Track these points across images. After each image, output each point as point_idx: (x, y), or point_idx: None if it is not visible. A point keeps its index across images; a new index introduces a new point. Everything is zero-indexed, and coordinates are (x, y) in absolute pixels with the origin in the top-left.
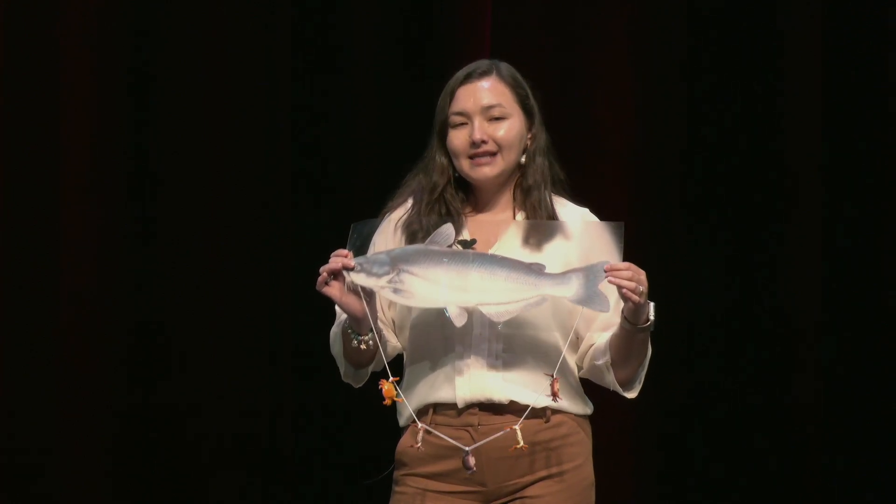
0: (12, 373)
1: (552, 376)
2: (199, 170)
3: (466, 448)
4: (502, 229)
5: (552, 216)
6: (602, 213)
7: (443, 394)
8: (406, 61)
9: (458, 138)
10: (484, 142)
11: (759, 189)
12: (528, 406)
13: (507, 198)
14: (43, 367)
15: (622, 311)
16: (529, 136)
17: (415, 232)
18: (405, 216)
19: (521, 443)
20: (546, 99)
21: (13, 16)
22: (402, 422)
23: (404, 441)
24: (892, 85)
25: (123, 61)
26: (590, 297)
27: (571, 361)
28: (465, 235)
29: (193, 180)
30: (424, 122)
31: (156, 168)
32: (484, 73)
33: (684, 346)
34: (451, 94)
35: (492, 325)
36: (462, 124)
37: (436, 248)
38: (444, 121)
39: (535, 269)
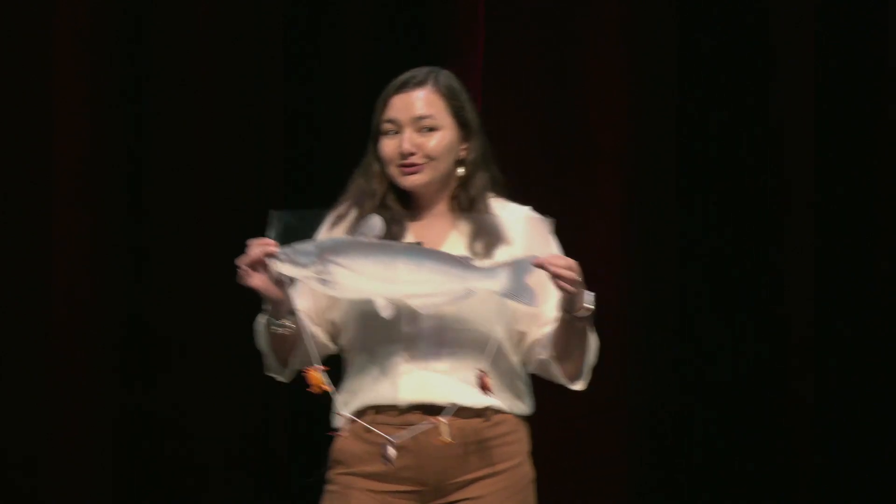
0: (3, 375)
1: (482, 371)
2: (192, 172)
3: (391, 438)
4: (445, 235)
5: (491, 224)
6: (597, 212)
7: (385, 395)
8: (398, 63)
9: (388, 146)
10: (412, 153)
11: (753, 188)
12: (471, 407)
13: (445, 206)
14: (34, 370)
15: (560, 302)
16: (464, 147)
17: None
18: (351, 221)
19: (448, 438)
20: (540, 98)
21: (5, 19)
22: (337, 422)
23: (341, 440)
24: (887, 85)
25: (117, 64)
26: (518, 291)
27: (515, 361)
28: (410, 239)
29: (187, 182)
30: None
31: (149, 170)
32: (420, 83)
33: (679, 343)
34: (385, 102)
35: (437, 327)
36: (393, 132)
37: (363, 239)
38: (378, 127)
39: (463, 262)
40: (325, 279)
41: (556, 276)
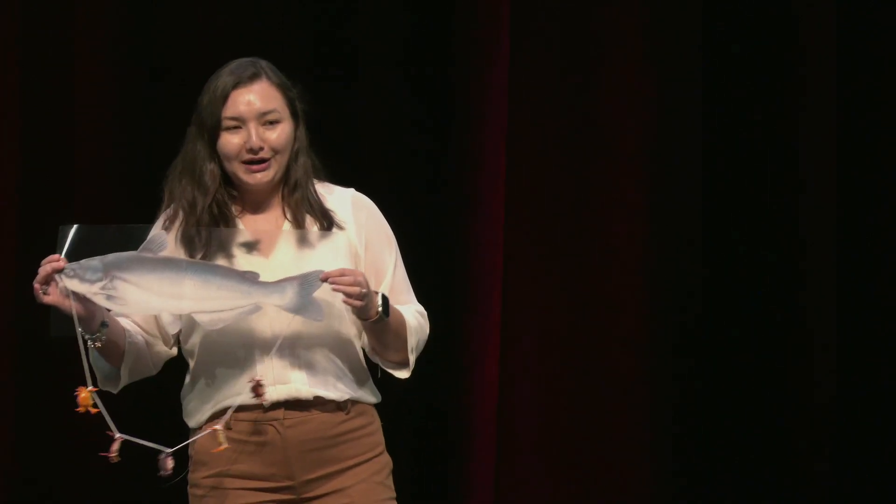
0: (24, 382)
1: (256, 380)
2: None
3: (167, 450)
4: (279, 227)
5: (320, 208)
6: (620, 212)
7: (246, 396)
8: (423, 66)
9: (232, 143)
10: (261, 148)
11: (776, 190)
12: (332, 400)
13: (276, 197)
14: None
15: (352, 310)
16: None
17: (192, 241)
18: (180, 226)
19: (224, 443)
20: (564, 100)
21: (30, 24)
22: (192, 423)
23: (203, 441)
24: None
25: (139, 67)
26: (304, 306)
27: (361, 351)
28: (246, 237)
29: None
30: (431, 122)
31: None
32: (254, 77)
33: (701, 340)
34: (224, 98)
35: (295, 325)
36: (236, 128)
37: (149, 255)
38: (216, 125)
39: (249, 278)
40: (112, 295)
41: (344, 293)
